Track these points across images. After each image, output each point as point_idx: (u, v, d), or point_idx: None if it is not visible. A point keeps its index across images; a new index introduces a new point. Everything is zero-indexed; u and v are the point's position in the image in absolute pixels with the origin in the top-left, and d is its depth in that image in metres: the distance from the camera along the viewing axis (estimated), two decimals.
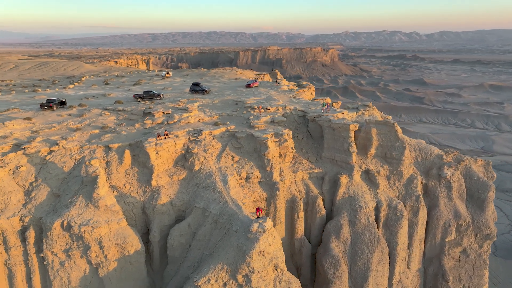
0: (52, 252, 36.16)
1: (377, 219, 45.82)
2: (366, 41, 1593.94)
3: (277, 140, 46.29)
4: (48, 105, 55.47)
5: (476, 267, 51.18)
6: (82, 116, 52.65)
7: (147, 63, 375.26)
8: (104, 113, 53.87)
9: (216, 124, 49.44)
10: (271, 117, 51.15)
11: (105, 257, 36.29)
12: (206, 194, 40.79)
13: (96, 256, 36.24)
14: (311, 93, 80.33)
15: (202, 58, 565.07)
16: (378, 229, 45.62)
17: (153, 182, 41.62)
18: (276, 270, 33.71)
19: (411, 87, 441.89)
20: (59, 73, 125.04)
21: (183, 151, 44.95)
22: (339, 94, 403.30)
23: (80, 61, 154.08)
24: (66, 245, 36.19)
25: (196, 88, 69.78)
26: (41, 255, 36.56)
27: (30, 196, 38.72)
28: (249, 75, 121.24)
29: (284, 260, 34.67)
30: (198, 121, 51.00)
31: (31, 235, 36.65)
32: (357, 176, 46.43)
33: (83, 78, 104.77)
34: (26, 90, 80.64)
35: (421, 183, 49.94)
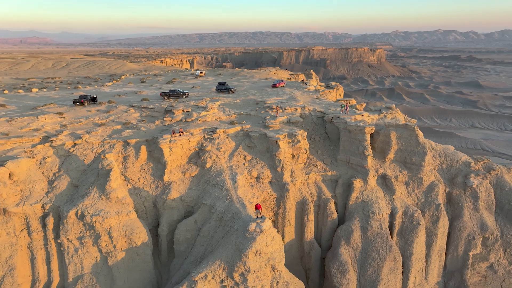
0: (68, 239, 38.60)
1: (391, 227, 43.97)
2: (417, 41, 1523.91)
3: (290, 140, 45.89)
4: (80, 101, 59.15)
5: (505, 285, 47.40)
6: (108, 112, 55.54)
7: (191, 63, 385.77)
8: (129, 110, 56.44)
9: (232, 123, 50.00)
10: (287, 118, 50.79)
11: (114, 246, 38.13)
12: (215, 191, 41.44)
13: (106, 245, 38.18)
14: (339, 94, 78.53)
15: (246, 57, 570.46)
16: (392, 237, 43.77)
17: (165, 178, 43.00)
18: (274, 271, 33.53)
19: (464, 89, 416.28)
20: (103, 71, 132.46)
21: (197, 149, 45.97)
22: (384, 95, 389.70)
23: (123, 60, 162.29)
24: (80, 233, 38.48)
25: (222, 87, 70.89)
26: (58, 241, 39.16)
27: (53, 186, 41.58)
28: (283, 75, 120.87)
29: (283, 262, 34.39)
30: (216, 119, 51.85)
31: (50, 221, 39.36)
32: (372, 180, 44.83)
33: (122, 77, 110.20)
34: (69, 87, 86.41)
35: (444, 191, 47.25)
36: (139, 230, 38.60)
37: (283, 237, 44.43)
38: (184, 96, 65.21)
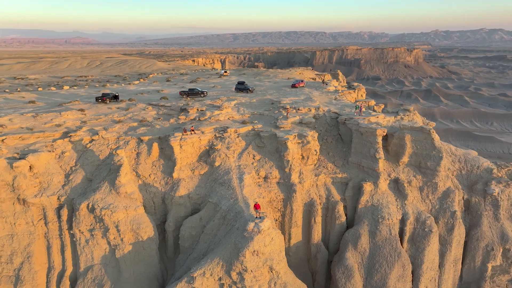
0: (80, 230, 40.38)
1: (402, 233, 42.48)
2: (459, 40, 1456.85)
3: (300, 141, 45.46)
4: (102, 98, 61.60)
5: None
6: (127, 109, 57.44)
7: (223, 62, 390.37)
8: (147, 108, 58.07)
9: (244, 122, 50.22)
10: (300, 118, 50.33)
11: (122, 240, 39.47)
12: (221, 190, 41.84)
13: (114, 238, 39.59)
14: (361, 95, 76.74)
15: (279, 57, 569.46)
16: (402, 243, 42.29)
17: (175, 175, 43.92)
18: (272, 272, 33.42)
19: (508, 92, 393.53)
20: (134, 70, 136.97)
21: (207, 147, 46.58)
22: (420, 97, 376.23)
23: (153, 59, 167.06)
24: (90, 225, 40.14)
25: (241, 87, 71.34)
26: (71, 232, 41.07)
27: (69, 179, 43.63)
28: (309, 75, 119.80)
29: (282, 263, 34.20)
30: (228, 118, 52.27)
31: (64, 213, 41.33)
32: (383, 184, 43.52)
33: (150, 75, 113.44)
34: (97, 85, 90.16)
35: (462, 198, 45.06)
36: (146, 225, 39.70)
37: (289, 238, 44.16)
38: (202, 95, 66.21)
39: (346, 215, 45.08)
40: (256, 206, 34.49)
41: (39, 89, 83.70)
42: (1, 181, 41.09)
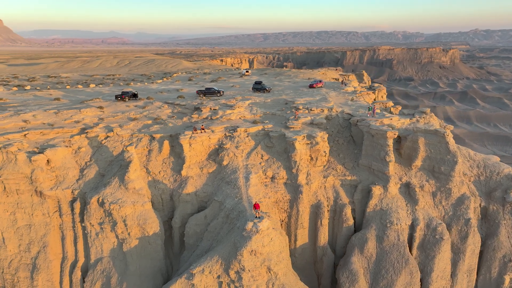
0: (90, 223, 41.90)
1: (411, 239, 41.05)
2: (500, 40, 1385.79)
3: (309, 142, 44.96)
4: (121, 96, 63.52)
5: None
6: (144, 107, 58.93)
7: (251, 62, 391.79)
8: (163, 106, 59.32)
9: (255, 122, 50.27)
10: (311, 119, 49.76)
11: (129, 234, 40.60)
12: (227, 188, 42.11)
13: (122, 232, 40.78)
14: (381, 96, 74.74)
15: (308, 57, 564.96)
16: (411, 250, 40.88)
17: (183, 172, 44.65)
18: (270, 272, 33.27)
19: None
20: (160, 69, 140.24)
21: (217, 146, 47.01)
22: (455, 99, 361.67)
23: (179, 59, 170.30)
24: (100, 219, 41.56)
25: (258, 87, 71.41)
26: (83, 224, 42.70)
27: (83, 173, 45.37)
28: (332, 75, 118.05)
29: (281, 264, 33.95)
30: (240, 118, 52.48)
31: (77, 206, 43.03)
32: (393, 188, 42.26)
33: (174, 75, 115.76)
34: (122, 83, 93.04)
35: (479, 205, 43.00)
36: (152, 220, 40.63)
37: (295, 240, 43.80)
38: (219, 94, 66.80)
39: (354, 218, 44.17)
40: (256, 206, 34.45)
41: (67, 86, 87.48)
42: (20, 173, 43.38)
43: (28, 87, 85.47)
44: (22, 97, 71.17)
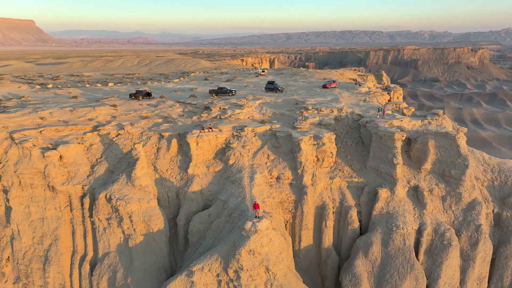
0: (98, 218, 43.02)
1: (418, 244, 39.98)
2: None
3: (315, 143, 44.55)
4: (135, 95, 64.82)
5: None
6: (156, 106, 59.94)
7: (271, 62, 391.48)
8: (175, 105, 60.16)
9: (263, 122, 50.24)
10: (320, 119, 49.28)
11: (134, 230, 41.43)
12: (231, 188, 42.30)
13: (128, 228, 41.66)
14: (397, 97, 73.10)
15: (330, 57, 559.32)
16: (418, 255, 39.81)
17: (190, 171, 45.15)
18: (268, 272, 33.19)
19: None
20: (179, 68, 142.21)
21: (224, 145, 47.29)
22: (483, 101, 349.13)
23: (198, 59, 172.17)
24: (108, 214, 42.60)
25: (270, 87, 71.30)
26: (92, 219, 43.90)
27: (93, 170, 46.63)
28: (350, 75, 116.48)
29: (280, 265, 33.81)
30: (248, 118, 52.56)
31: (86, 201, 44.28)
32: (400, 191, 41.27)
33: (192, 74, 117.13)
34: (139, 82, 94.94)
35: (492, 211, 41.44)
36: (157, 217, 41.31)
37: (299, 241, 43.51)
38: (231, 94, 67.07)
39: (360, 221, 43.45)
40: (255, 206, 34.45)
41: (87, 85, 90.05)
42: (34, 168, 45.05)
43: (50, 85, 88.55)
44: (43, 95, 73.81)
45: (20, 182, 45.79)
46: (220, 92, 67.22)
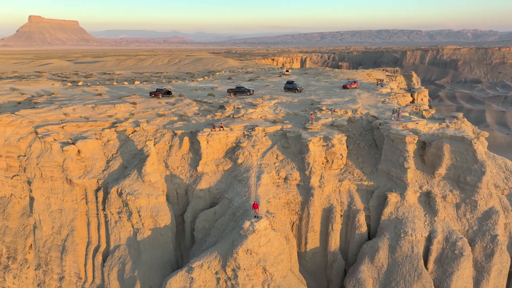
0: (110, 212, 44.59)
1: (427, 252, 38.33)
2: None
3: (324, 144, 43.81)
4: (155, 93, 66.53)
5: None
6: (174, 104, 61.22)
7: (303, 62, 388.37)
8: (191, 104, 61.17)
9: (274, 122, 50.04)
10: (332, 120, 48.41)
11: (142, 224, 42.59)
12: (238, 186, 42.48)
13: (136, 222, 42.88)
14: (421, 99, 70.33)
15: (365, 57, 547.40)
16: (427, 263, 38.17)
17: (199, 168, 45.80)
18: (265, 273, 33.06)
19: None
20: (206, 67, 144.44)
21: (234, 144, 47.56)
22: None
23: (226, 58, 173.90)
24: (119, 208, 44.05)
25: (289, 86, 70.91)
26: (104, 212, 45.58)
27: (108, 165, 48.38)
28: (378, 75, 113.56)
29: (278, 266, 33.58)
30: (261, 117, 52.51)
31: (100, 195, 46.02)
32: (411, 196, 39.75)
33: (217, 73, 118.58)
34: (164, 81, 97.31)
35: None
36: (164, 213, 42.23)
37: (306, 243, 43.00)
38: (248, 93, 67.30)
39: (369, 226, 42.30)
40: (254, 206, 34.40)
41: (114, 83, 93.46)
42: (54, 162, 47.40)
43: (80, 83, 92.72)
44: (72, 92, 77.41)
45: (41, 174, 48.31)
46: (238, 91, 67.61)
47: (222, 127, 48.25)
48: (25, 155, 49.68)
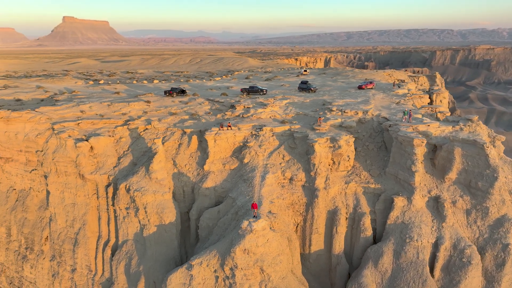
0: (119, 207, 45.70)
1: (434, 259, 37.03)
2: None
3: (331, 145, 43.17)
4: (169, 92, 67.58)
5: None
6: (187, 103, 61.98)
7: (327, 61, 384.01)
8: (204, 103, 61.74)
9: (283, 122, 49.76)
10: (341, 121, 47.62)
11: (148, 221, 43.39)
12: (242, 186, 42.55)
13: (143, 218, 43.75)
14: (440, 100, 68.02)
15: (392, 57, 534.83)
16: (433, 270, 36.89)
17: (206, 167, 46.19)
18: (263, 273, 32.95)
19: None
20: (227, 67, 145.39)
21: (241, 144, 47.65)
22: None
23: (246, 57, 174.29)
24: (127, 204, 45.08)
25: (303, 86, 70.33)
26: (114, 208, 46.76)
27: (119, 161, 49.58)
28: (400, 76, 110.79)
29: (276, 267, 33.42)
30: (270, 117, 52.35)
31: (110, 190, 47.25)
32: (418, 201, 38.53)
33: (235, 73, 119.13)
34: (182, 80, 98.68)
35: None
36: (169, 210, 42.87)
37: (310, 245, 42.52)
38: (262, 93, 67.25)
39: (375, 229, 41.35)
40: (253, 206, 34.33)
41: (134, 82, 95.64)
42: (68, 157, 49.08)
43: (101, 82, 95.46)
44: (92, 90, 79.82)
45: (56, 169, 50.13)
46: (252, 91, 67.69)
47: (230, 126, 48.44)
48: (42, 150, 51.71)
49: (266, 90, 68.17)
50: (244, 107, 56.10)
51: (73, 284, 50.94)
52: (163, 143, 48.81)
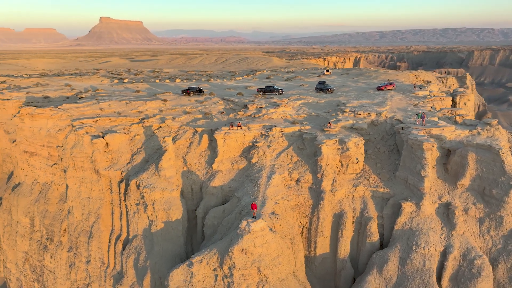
0: (130, 203, 46.95)
1: (442, 268, 35.49)
2: None
3: (340, 147, 42.33)
4: (186, 91, 68.60)
5: None
6: (202, 102, 62.69)
7: (356, 62, 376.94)
8: (218, 102, 62.22)
9: (294, 122, 49.33)
10: (352, 123, 46.60)
11: (156, 217, 44.30)
12: (248, 186, 42.57)
13: (151, 214, 44.71)
14: (464, 103, 65.03)
15: (426, 57, 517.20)
16: (441, 280, 35.35)
17: (214, 166, 46.57)
18: (260, 274, 32.82)
19: None
20: (250, 66, 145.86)
21: (251, 143, 47.68)
22: None
23: (270, 57, 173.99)
24: (137, 200, 46.23)
25: (320, 87, 69.35)
26: (125, 203, 48.09)
27: (132, 158, 50.92)
28: (427, 77, 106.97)
29: (274, 268, 33.19)
30: (281, 117, 52.01)
31: (122, 186, 48.61)
32: (427, 207, 37.06)
33: (258, 72, 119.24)
34: (203, 79, 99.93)
35: None
36: (176, 207, 43.58)
37: (315, 248, 41.91)
38: (278, 93, 66.90)
39: (382, 235, 40.18)
40: (253, 206, 34.24)
41: (157, 81, 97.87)
42: (84, 153, 50.95)
43: (126, 80, 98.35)
44: (114, 89, 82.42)
45: (74, 164, 52.16)
46: (268, 90, 67.50)
47: (240, 126, 48.57)
48: (62, 146, 53.98)
49: (282, 90, 67.74)
50: (257, 107, 56.08)
51: (87, 275, 52.85)
52: (174, 142, 49.66)
